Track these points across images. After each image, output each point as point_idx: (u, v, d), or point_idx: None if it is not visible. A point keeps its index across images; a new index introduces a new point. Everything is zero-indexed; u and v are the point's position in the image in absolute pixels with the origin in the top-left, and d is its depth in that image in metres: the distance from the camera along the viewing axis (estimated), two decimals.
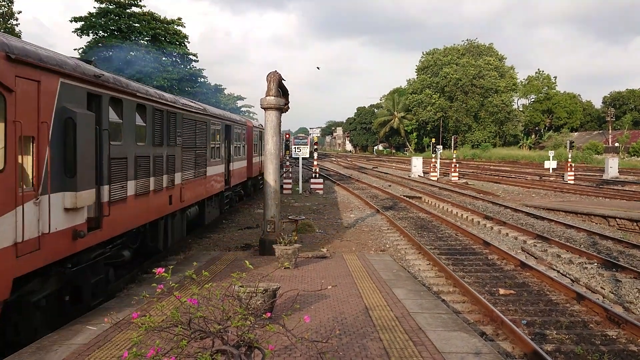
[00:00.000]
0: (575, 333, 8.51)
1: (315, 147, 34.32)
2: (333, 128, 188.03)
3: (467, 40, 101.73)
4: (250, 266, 5.61)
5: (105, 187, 8.78)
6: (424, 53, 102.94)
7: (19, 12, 48.43)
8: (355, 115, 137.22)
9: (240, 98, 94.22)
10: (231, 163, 19.88)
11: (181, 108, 13.12)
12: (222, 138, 18.24)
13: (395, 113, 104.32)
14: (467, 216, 20.94)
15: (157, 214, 11.43)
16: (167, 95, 12.59)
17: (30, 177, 6.76)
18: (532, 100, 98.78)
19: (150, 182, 10.83)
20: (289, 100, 14.38)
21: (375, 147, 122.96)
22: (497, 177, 40.23)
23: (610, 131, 79.67)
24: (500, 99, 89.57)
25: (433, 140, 54.26)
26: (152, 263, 12.35)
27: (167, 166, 11.84)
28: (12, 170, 6.24)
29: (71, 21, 55.36)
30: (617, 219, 19.04)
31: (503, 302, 10.17)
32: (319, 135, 34.84)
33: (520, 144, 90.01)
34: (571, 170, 36.27)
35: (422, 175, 43.49)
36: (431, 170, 41.58)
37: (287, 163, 32.75)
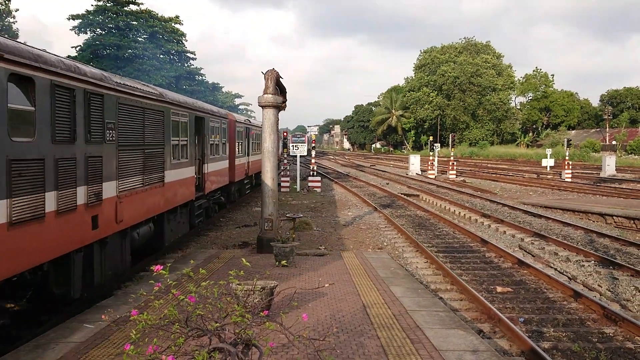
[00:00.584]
0: (573, 331, 8.53)
1: (313, 145, 34.33)
2: (331, 126, 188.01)
3: (465, 38, 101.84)
4: (248, 264, 5.60)
5: None
6: (422, 51, 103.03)
7: (17, 10, 48.38)
8: (353, 113, 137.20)
9: (238, 96, 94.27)
10: (206, 165, 16.62)
11: (115, 89, 9.40)
12: (190, 133, 14.76)
13: (393, 111, 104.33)
14: (464, 214, 20.96)
15: (65, 246, 7.82)
16: (86, 68, 8.71)
17: None
18: (530, 98, 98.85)
19: (47, 200, 7.19)
20: (287, 98, 14.37)
21: (373, 145, 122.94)
22: (494, 175, 40.28)
23: (607, 129, 79.76)
24: (498, 97, 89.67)
25: (431, 138, 54.29)
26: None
27: (86, 173, 8.29)
28: None
29: (69, 19, 55.28)
30: (614, 217, 19.08)
31: (500, 299, 10.19)
32: (316, 133, 34.87)
33: (518, 142, 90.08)
34: (569, 168, 36.32)
35: (420, 173, 43.52)
36: (429, 168, 41.61)
37: (285, 161, 32.73)
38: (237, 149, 22.45)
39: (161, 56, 59.12)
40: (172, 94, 14.29)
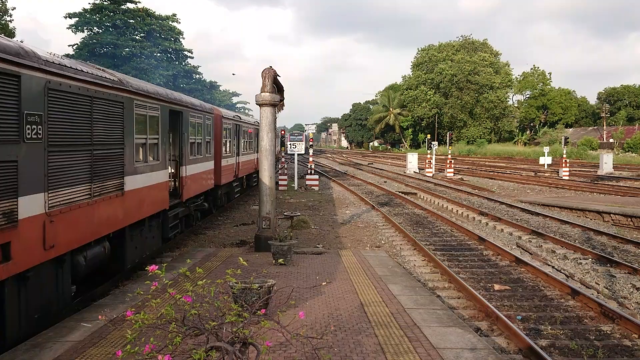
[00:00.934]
0: (570, 328, 8.54)
1: (311, 143, 34.29)
2: (328, 124, 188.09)
3: (462, 36, 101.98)
4: (245, 262, 5.59)
5: None
6: (419, 49, 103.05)
7: (13, 9, 48.23)
8: (350, 112, 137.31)
9: (236, 94, 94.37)
10: (184, 167, 14.44)
11: (42, 69, 7.07)
12: (163, 130, 12.57)
13: (391, 109, 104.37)
14: (462, 212, 20.98)
15: None
16: None
17: None
18: (527, 96, 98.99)
19: None
20: (284, 96, 14.35)
21: (371, 144, 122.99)
22: (492, 173, 40.31)
23: (604, 127, 79.93)
24: (496, 95, 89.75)
25: (428, 136, 54.36)
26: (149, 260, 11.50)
27: None
28: None
29: (65, 17, 55.18)
30: (611, 215, 19.11)
31: (498, 297, 10.20)
32: (314, 131, 34.84)
33: (516, 140, 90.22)
34: (566, 166, 36.38)
35: (418, 171, 43.55)
36: (426, 166, 41.63)
37: (283, 159, 32.74)
38: (224, 148, 20.25)
39: (158, 54, 59.07)
40: (138, 81, 11.78)
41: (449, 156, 41.75)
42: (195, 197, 16.17)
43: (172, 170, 14.24)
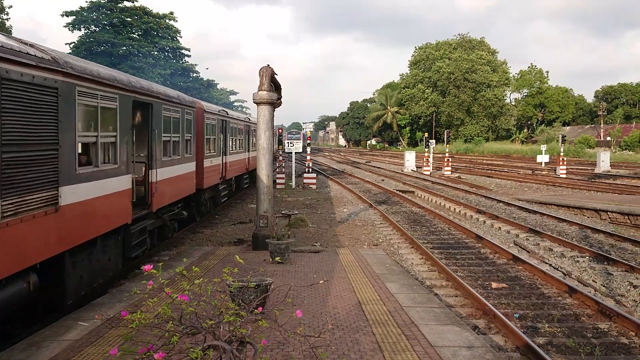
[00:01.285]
0: (567, 326, 8.55)
1: (308, 142, 34.27)
2: (326, 123, 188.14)
3: (459, 34, 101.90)
4: (242, 261, 5.58)
5: None
6: (417, 47, 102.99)
7: (10, 7, 48.05)
8: (348, 110, 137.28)
9: (233, 93, 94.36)
10: (154, 170, 12.21)
11: None
12: (123, 126, 10.14)
13: (389, 107, 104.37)
14: (460, 210, 20.99)
15: None
16: None
17: None
18: (525, 94, 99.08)
19: None
20: (282, 94, 14.33)
21: (369, 142, 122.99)
22: (489, 171, 40.34)
23: (602, 125, 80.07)
24: (493, 93, 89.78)
25: (426, 134, 54.35)
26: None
27: None
28: None
29: (62, 15, 55.01)
30: (608, 213, 19.14)
31: (495, 295, 10.21)
32: (312, 130, 34.81)
33: (513, 138, 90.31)
34: (563, 164, 36.44)
35: (415, 169, 43.56)
36: (424, 164, 41.66)
37: (280, 158, 32.72)
38: (207, 147, 18.28)
39: (155, 53, 58.96)
40: (85, 63, 9.15)
41: (447, 154, 41.80)
42: (170, 205, 14.03)
43: (142, 175, 12.33)
